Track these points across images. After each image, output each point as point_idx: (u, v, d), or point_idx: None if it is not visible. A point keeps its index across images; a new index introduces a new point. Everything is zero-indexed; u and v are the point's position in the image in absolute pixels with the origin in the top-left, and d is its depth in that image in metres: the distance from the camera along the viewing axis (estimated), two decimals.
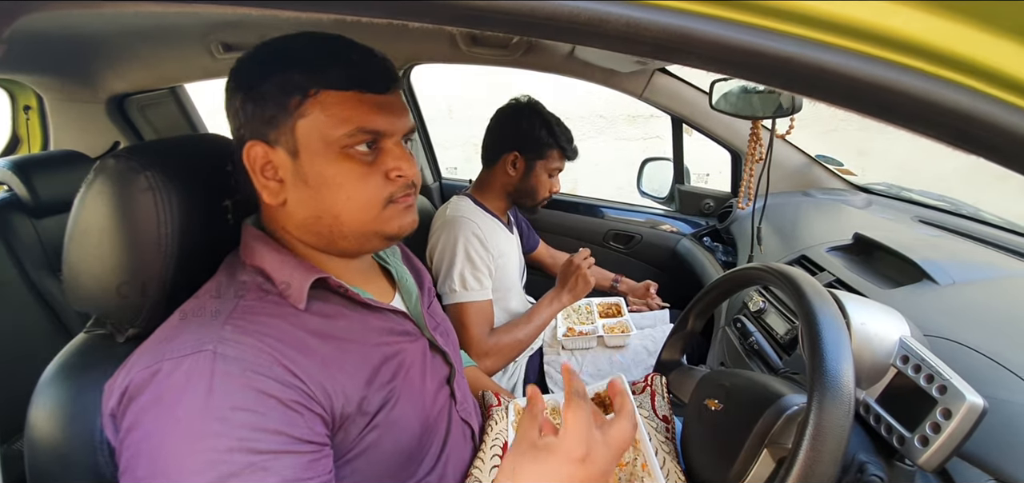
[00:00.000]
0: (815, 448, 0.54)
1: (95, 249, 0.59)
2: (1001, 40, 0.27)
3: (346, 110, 0.60)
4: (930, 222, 1.31)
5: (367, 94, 0.61)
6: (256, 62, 0.62)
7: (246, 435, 0.49)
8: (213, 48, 1.44)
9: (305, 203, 0.62)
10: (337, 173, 0.61)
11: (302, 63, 0.60)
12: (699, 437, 0.80)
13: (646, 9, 0.29)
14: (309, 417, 0.55)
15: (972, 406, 0.58)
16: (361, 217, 0.63)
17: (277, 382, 0.53)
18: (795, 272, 0.69)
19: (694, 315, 0.95)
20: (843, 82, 0.26)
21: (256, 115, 0.60)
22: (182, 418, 0.48)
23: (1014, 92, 0.28)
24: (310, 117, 0.59)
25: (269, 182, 0.62)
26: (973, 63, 0.27)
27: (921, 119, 0.27)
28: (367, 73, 0.61)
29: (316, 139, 0.60)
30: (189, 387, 0.49)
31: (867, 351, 0.69)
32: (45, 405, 0.60)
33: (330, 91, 0.59)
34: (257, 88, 0.60)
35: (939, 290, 0.93)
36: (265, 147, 0.61)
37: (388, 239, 0.67)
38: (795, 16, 0.26)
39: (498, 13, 0.32)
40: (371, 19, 0.37)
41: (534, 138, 1.39)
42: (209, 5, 0.43)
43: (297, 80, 0.59)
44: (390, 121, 0.63)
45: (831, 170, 1.70)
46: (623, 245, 2.05)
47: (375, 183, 0.63)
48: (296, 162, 0.61)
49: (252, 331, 0.55)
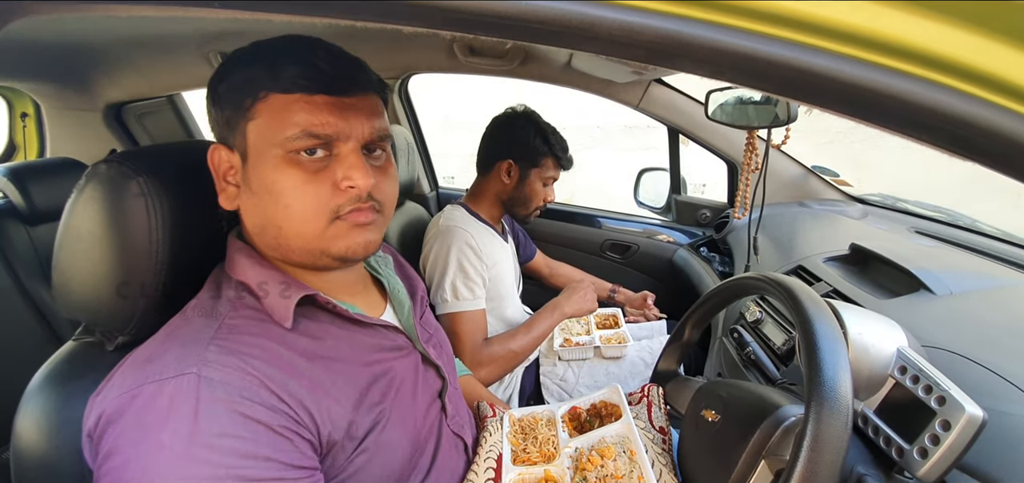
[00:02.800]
0: (813, 459, 0.53)
1: (86, 254, 0.58)
2: (995, 44, 0.27)
3: (294, 112, 0.56)
4: (927, 233, 1.31)
5: (319, 96, 0.57)
6: (224, 65, 0.61)
7: (235, 463, 0.48)
8: (211, 57, 1.44)
9: (252, 211, 0.61)
10: (278, 179, 0.57)
11: (258, 64, 0.58)
12: (696, 448, 0.79)
13: (640, 13, 0.29)
14: (299, 442, 0.53)
15: (971, 417, 0.58)
16: (303, 231, 0.59)
17: (264, 407, 0.51)
18: (792, 281, 0.69)
19: (691, 325, 0.94)
20: (835, 86, 0.26)
21: (218, 117, 0.60)
22: (167, 445, 0.47)
23: (1008, 96, 0.28)
24: (260, 119, 0.57)
25: (228, 186, 0.61)
26: (967, 67, 0.27)
27: (914, 123, 0.26)
28: (325, 75, 0.57)
29: (263, 142, 0.57)
30: (174, 412, 0.48)
31: (865, 362, 0.69)
32: (32, 414, 0.59)
33: (280, 93, 0.56)
34: (218, 89, 0.60)
35: (936, 301, 0.93)
36: (227, 151, 0.60)
37: (337, 259, 0.61)
38: (787, 20, 0.25)
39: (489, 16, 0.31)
40: (365, 24, 0.37)
41: (529, 146, 1.39)
42: (195, 8, 0.42)
43: (250, 81, 0.57)
44: (345, 125, 0.58)
45: (827, 181, 1.71)
46: (620, 255, 2.05)
47: (318, 192, 0.58)
48: (245, 167, 0.59)
49: (237, 352, 0.53)
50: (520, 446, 0.85)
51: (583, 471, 0.78)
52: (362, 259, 0.65)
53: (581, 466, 0.78)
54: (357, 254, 0.62)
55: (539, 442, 0.85)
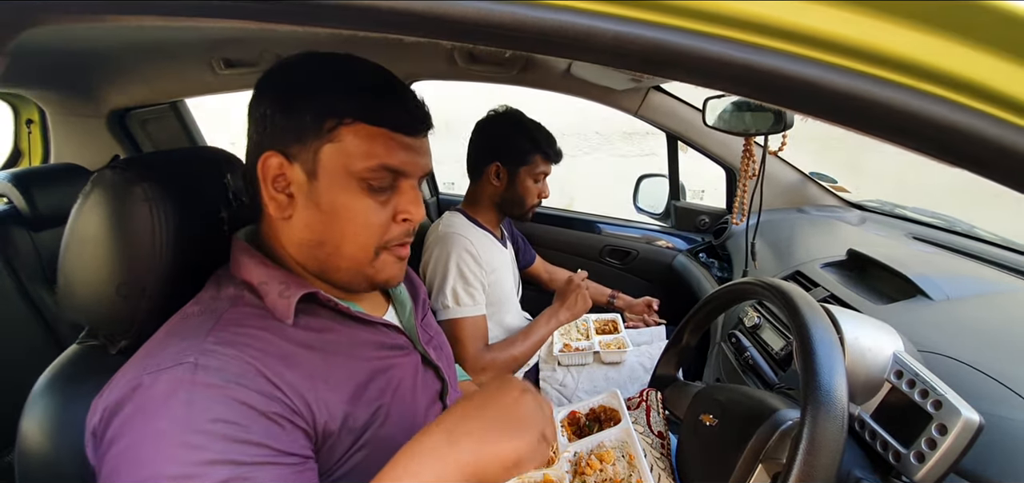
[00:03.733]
0: (809, 462, 0.54)
1: (91, 259, 0.59)
2: (978, 53, 0.27)
3: (376, 145, 0.60)
4: (924, 239, 1.32)
5: (399, 134, 0.62)
6: (297, 73, 0.62)
7: (227, 447, 0.49)
8: (214, 64, 1.45)
9: (311, 226, 0.62)
10: (351, 205, 0.61)
11: (343, 88, 0.60)
12: (694, 453, 0.79)
13: (633, 24, 0.30)
14: (291, 430, 0.54)
15: (968, 422, 0.58)
16: (358, 255, 0.63)
17: (258, 393, 0.52)
18: (788, 286, 0.70)
19: (689, 330, 0.95)
20: (824, 95, 0.27)
21: (283, 127, 0.60)
22: (163, 430, 0.48)
23: (995, 104, 0.29)
24: (339, 144, 0.60)
25: (278, 195, 0.61)
26: (950, 75, 0.28)
27: (900, 129, 0.27)
28: (404, 113, 0.62)
29: (339, 166, 0.60)
30: (169, 399, 0.49)
31: (861, 366, 0.69)
32: (36, 416, 0.59)
33: (364, 124, 0.60)
34: (292, 101, 0.60)
35: (933, 306, 0.94)
36: (282, 160, 0.60)
37: (373, 284, 0.66)
38: (775, 30, 0.26)
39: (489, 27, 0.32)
40: (368, 35, 0.38)
41: (514, 146, 1.40)
42: (205, 19, 0.43)
43: (335, 104, 0.59)
44: (413, 163, 0.64)
45: (825, 187, 1.72)
46: (619, 261, 2.05)
47: (380, 221, 0.63)
48: (312, 183, 0.60)
49: (234, 342, 0.54)
50: None
51: (582, 475, 0.78)
52: (394, 287, 0.69)
53: (580, 470, 0.79)
54: (392, 283, 0.67)
55: None
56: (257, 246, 0.66)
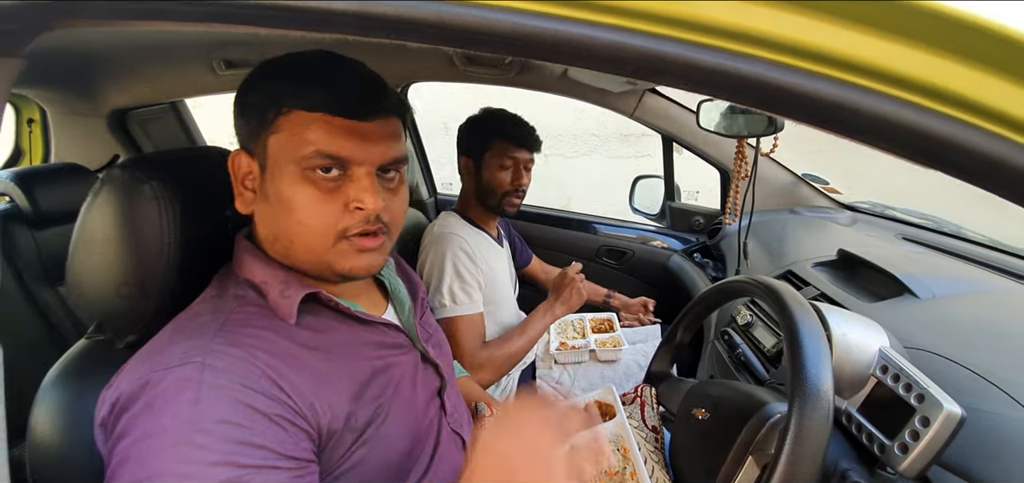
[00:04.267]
0: (796, 452, 0.56)
1: (100, 256, 0.61)
2: (947, 61, 0.30)
3: (313, 131, 0.58)
4: (913, 239, 1.35)
5: (338, 118, 0.59)
6: (253, 75, 0.63)
7: (230, 449, 0.50)
8: (215, 65, 1.47)
9: (266, 220, 0.64)
10: (294, 195, 0.59)
11: (285, 79, 0.60)
12: (687, 446, 0.82)
13: (627, 34, 0.32)
14: (294, 432, 0.55)
15: (950, 414, 0.60)
16: (312, 244, 0.61)
17: (264, 396, 0.53)
18: (778, 284, 0.72)
19: (683, 327, 0.97)
20: (800, 100, 0.29)
21: (242, 125, 0.62)
22: (168, 427, 0.49)
23: (970, 112, 0.31)
24: (281, 134, 0.59)
25: (245, 191, 0.64)
26: (923, 83, 0.30)
27: (874, 133, 0.29)
28: (347, 97, 0.60)
29: (283, 157, 0.59)
30: (176, 397, 0.50)
31: (848, 361, 0.72)
32: (47, 409, 0.61)
33: (302, 111, 0.59)
34: (246, 98, 0.62)
35: (920, 304, 0.96)
36: (247, 157, 0.63)
37: (339, 276, 0.64)
38: (754, 39, 0.29)
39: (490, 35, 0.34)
40: (365, 39, 0.40)
41: (474, 137, 1.42)
42: (205, 24, 0.45)
43: (276, 95, 0.59)
44: (362, 149, 0.60)
45: (817, 188, 1.74)
46: (615, 261, 2.08)
47: (329, 212, 0.60)
48: (263, 176, 0.62)
49: (241, 343, 0.55)
50: None
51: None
52: (364, 278, 0.68)
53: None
54: (359, 274, 0.65)
55: None
56: (256, 244, 0.67)
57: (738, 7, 0.30)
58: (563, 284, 1.42)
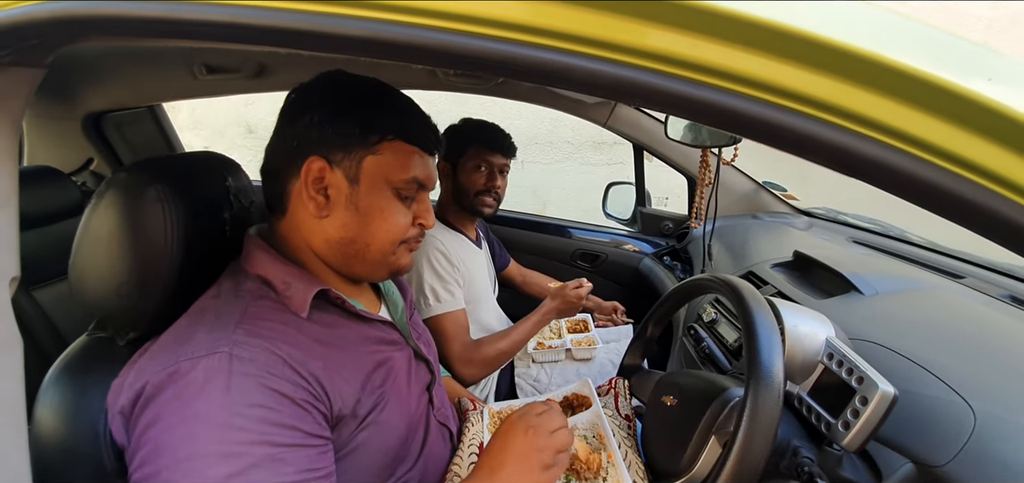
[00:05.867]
0: (751, 429, 0.63)
1: (104, 255, 0.63)
2: (861, 92, 0.37)
3: (409, 160, 0.71)
4: (863, 242, 1.44)
5: (425, 154, 0.73)
6: (345, 89, 0.70)
7: (265, 429, 0.54)
8: (196, 69, 1.46)
9: (347, 225, 0.69)
10: (387, 209, 0.70)
11: (387, 110, 0.70)
12: (657, 431, 0.88)
13: (603, 63, 0.38)
14: (315, 414, 0.60)
15: (884, 394, 0.67)
16: (386, 248, 0.72)
17: (289, 382, 0.58)
18: (737, 281, 0.79)
19: (653, 323, 1.04)
20: (745, 120, 0.36)
21: (331, 136, 0.67)
22: (202, 412, 0.52)
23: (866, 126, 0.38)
24: (380, 156, 0.69)
25: (317, 196, 0.68)
26: (839, 107, 0.37)
27: (797, 144, 0.36)
28: (429, 136, 0.74)
29: (379, 176, 0.69)
30: (208, 385, 0.53)
31: (799, 350, 0.79)
32: (51, 402, 0.63)
33: (403, 142, 0.70)
34: (344, 113, 0.67)
35: (864, 300, 1.05)
36: (324, 164, 0.67)
37: (391, 272, 0.76)
38: (711, 70, 0.35)
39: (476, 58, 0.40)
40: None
41: (452, 144, 1.47)
42: (233, 44, 0.49)
43: (382, 122, 0.69)
44: (431, 178, 0.75)
45: (777, 195, 1.85)
46: (589, 264, 2.14)
47: (405, 225, 0.73)
48: (353, 189, 0.68)
49: (262, 335, 0.59)
50: None
51: None
52: (405, 273, 0.79)
53: None
54: (404, 270, 0.78)
55: None
56: (271, 244, 0.71)
57: (697, 44, 0.36)
58: (564, 295, 1.47)
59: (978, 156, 0.36)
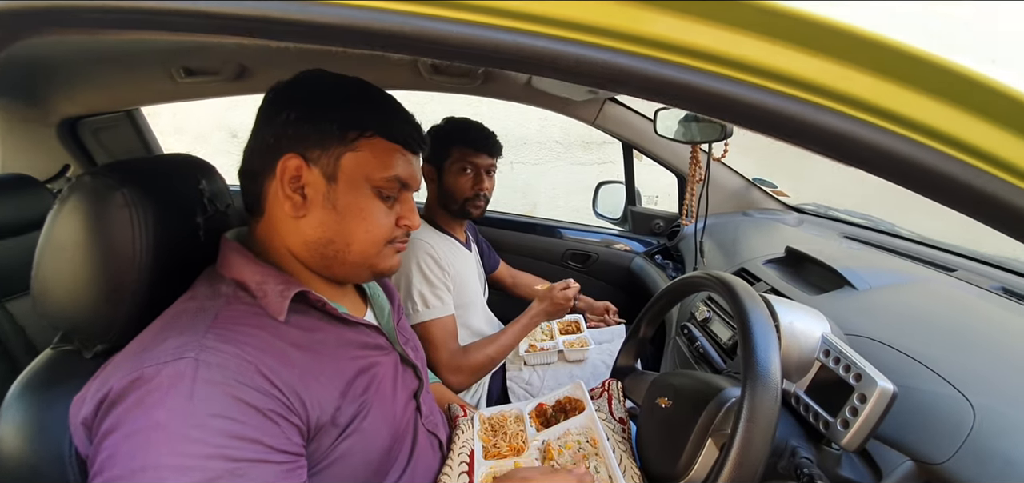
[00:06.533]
0: (749, 430, 0.61)
1: (68, 264, 0.60)
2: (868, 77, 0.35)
3: (391, 158, 0.69)
4: (854, 237, 1.44)
5: (407, 152, 0.71)
6: (322, 86, 0.68)
7: (224, 442, 0.51)
8: (174, 72, 1.43)
9: (325, 225, 0.66)
10: (367, 208, 0.68)
11: (367, 106, 0.68)
12: (652, 433, 0.86)
13: (592, 49, 0.36)
14: (286, 427, 0.56)
15: (883, 390, 0.66)
16: (367, 250, 0.70)
17: (257, 391, 0.55)
18: (731, 278, 0.77)
19: (645, 323, 1.02)
20: (742, 108, 0.34)
21: (308, 132, 0.65)
22: (162, 421, 0.49)
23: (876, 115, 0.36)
24: (359, 153, 0.66)
25: (293, 195, 0.65)
26: (836, 91, 0.35)
27: (800, 135, 0.34)
28: (412, 133, 0.72)
29: (358, 174, 0.67)
30: (171, 391, 0.50)
31: (794, 347, 0.77)
32: (13, 420, 0.59)
33: (383, 138, 0.68)
34: (320, 110, 0.65)
35: (858, 295, 1.04)
36: (301, 162, 0.64)
37: (375, 274, 0.74)
38: (706, 56, 0.33)
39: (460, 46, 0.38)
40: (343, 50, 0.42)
41: (436, 145, 1.44)
42: (196, 35, 0.46)
43: (359, 117, 0.66)
44: (414, 177, 0.73)
45: (767, 192, 1.85)
46: (580, 264, 2.13)
47: (387, 224, 0.71)
48: (330, 186, 0.66)
49: (233, 340, 0.56)
50: (490, 442, 0.90)
51: (551, 462, 0.83)
52: (391, 275, 0.77)
53: (549, 457, 0.84)
54: (391, 272, 0.75)
55: (508, 437, 0.90)
56: (249, 247, 0.68)
57: (689, 27, 0.34)
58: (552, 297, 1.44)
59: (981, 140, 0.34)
